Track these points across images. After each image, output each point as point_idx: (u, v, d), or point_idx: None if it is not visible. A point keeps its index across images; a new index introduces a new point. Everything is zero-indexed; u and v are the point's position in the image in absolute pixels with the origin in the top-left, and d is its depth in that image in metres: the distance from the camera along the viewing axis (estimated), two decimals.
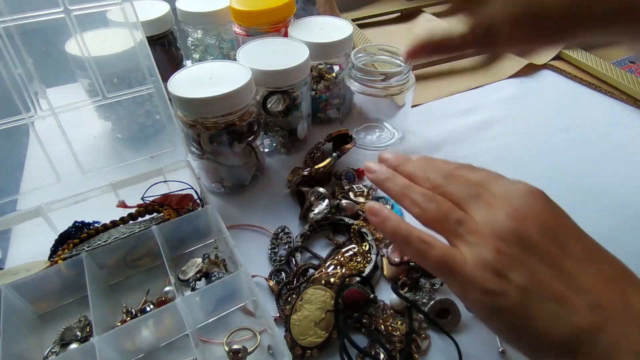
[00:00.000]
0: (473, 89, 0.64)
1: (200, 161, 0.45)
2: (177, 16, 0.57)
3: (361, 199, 0.46)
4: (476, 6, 0.31)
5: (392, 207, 0.45)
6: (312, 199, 0.44)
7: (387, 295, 0.37)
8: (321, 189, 0.44)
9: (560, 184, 0.48)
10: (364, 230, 0.42)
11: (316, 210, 0.43)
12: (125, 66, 0.47)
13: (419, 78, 0.65)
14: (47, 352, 0.33)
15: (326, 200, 0.43)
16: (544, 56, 0.68)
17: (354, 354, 0.32)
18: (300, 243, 0.41)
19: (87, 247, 0.37)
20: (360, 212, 0.44)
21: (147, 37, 0.41)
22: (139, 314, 0.35)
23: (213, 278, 0.36)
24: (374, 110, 0.55)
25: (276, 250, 0.41)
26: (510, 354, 0.33)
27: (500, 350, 0.33)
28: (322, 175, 0.46)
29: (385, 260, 0.39)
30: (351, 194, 0.47)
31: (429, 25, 0.81)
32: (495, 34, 0.31)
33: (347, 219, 0.43)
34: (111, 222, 0.40)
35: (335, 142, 0.50)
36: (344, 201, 0.44)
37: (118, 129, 0.54)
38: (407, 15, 0.86)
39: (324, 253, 0.41)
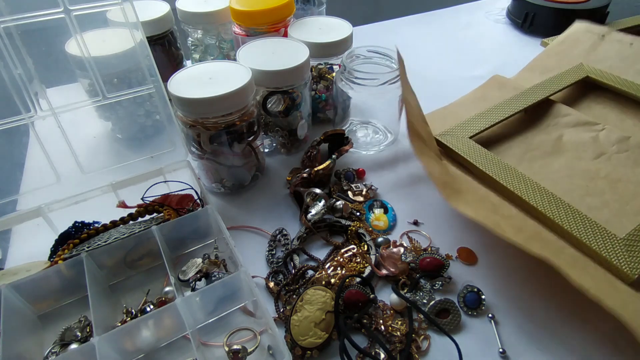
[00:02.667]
0: None
1: (200, 161, 0.45)
2: (177, 16, 0.57)
3: (360, 198, 0.46)
4: None
5: (387, 211, 0.45)
6: (308, 200, 0.44)
7: (387, 295, 0.37)
8: (317, 190, 0.44)
9: None
10: (361, 231, 0.42)
11: (313, 212, 0.43)
12: (125, 66, 0.47)
13: None
14: (47, 352, 0.33)
15: (322, 201, 0.43)
16: None
17: (354, 355, 0.32)
18: (297, 245, 0.41)
19: (87, 247, 0.37)
20: (355, 212, 0.44)
21: (147, 37, 0.41)
22: (139, 314, 0.35)
23: (213, 278, 0.36)
24: (366, 112, 0.55)
25: (273, 252, 0.41)
26: (510, 354, 0.33)
27: (500, 350, 0.33)
28: (322, 177, 0.46)
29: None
30: (350, 193, 0.47)
31: None
32: None
33: (343, 221, 0.43)
34: (111, 222, 0.40)
35: (331, 141, 0.50)
36: (339, 202, 0.44)
37: (118, 129, 0.54)
38: None
39: (322, 254, 0.41)
